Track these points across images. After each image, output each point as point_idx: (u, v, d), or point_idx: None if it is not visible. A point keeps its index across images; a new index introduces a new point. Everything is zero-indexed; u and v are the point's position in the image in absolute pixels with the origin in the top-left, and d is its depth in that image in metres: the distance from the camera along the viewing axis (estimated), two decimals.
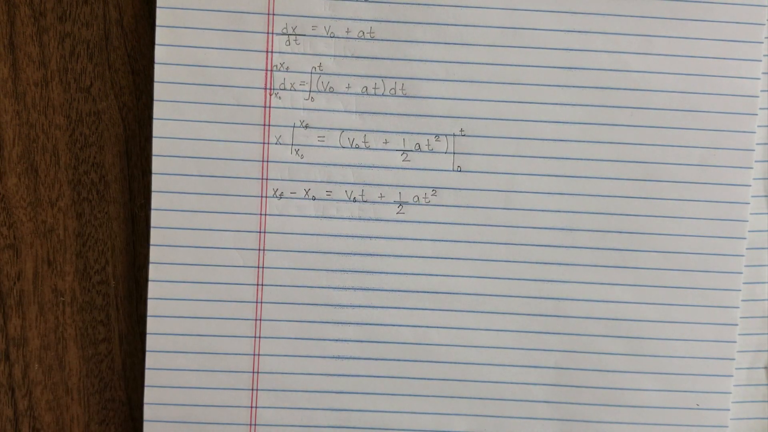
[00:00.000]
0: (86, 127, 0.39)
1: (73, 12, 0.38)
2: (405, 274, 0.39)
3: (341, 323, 0.39)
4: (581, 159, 0.39)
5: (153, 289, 0.38)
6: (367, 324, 0.39)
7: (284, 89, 0.38)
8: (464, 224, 0.39)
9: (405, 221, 0.39)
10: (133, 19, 0.39)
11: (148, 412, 0.38)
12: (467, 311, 0.39)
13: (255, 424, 0.39)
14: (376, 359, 0.39)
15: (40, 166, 0.39)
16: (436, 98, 0.38)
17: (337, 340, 0.39)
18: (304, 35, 0.38)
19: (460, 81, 0.38)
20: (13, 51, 0.38)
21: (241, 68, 0.38)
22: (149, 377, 0.38)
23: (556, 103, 0.38)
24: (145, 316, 0.39)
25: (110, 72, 0.39)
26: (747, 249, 0.39)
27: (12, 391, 0.39)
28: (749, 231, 0.39)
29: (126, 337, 0.40)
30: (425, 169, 0.39)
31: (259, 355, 0.39)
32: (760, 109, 0.39)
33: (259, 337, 0.39)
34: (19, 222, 0.39)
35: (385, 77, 0.38)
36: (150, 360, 0.38)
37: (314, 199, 0.38)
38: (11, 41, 0.38)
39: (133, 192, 0.39)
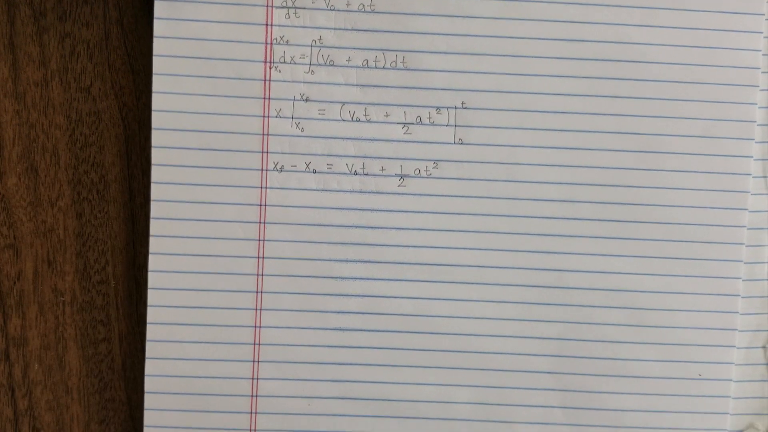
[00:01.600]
0: (86, 127, 0.39)
1: (73, 12, 0.38)
2: (406, 246, 0.39)
3: (342, 295, 0.39)
4: (582, 131, 0.38)
5: (153, 262, 0.38)
6: (368, 296, 0.39)
7: (284, 62, 0.38)
8: (465, 197, 0.39)
9: (406, 194, 0.39)
10: (133, 19, 0.38)
11: (148, 383, 0.39)
12: (469, 283, 0.39)
13: (257, 396, 0.39)
14: (378, 331, 0.39)
15: (40, 165, 0.39)
16: (436, 71, 0.38)
17: (338, 312, 0.39)
18: (304, 8, 0.38)
19: (461, 54, 0.38)
20: (13, 51, 0.38)
21: (240, 41, 0.38)
22: (150, 349, 0.38)
23: (558, 76, 0.38)
24: (146, 316, 0.39)
25: (110, 72, 0.39)
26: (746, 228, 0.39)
27: (12, 391, 0.40)
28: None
29: (126, 337, 0.40)
30: (426, 142, 0.38)
31: (260, 327, 0.39)
32: (760, 90, 0.39)
33: (261, 309, 0.39)
34: (19, 222, 0.39)
35: (386, 50, 0.38)
36: (151, 332, 0.38)
37: (315, 172, 0.38)
38: (11, 41, 0.38)
39: (133, 192, 0.39)
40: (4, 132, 0.38)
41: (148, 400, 0.39)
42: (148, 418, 0.39)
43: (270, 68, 0.38)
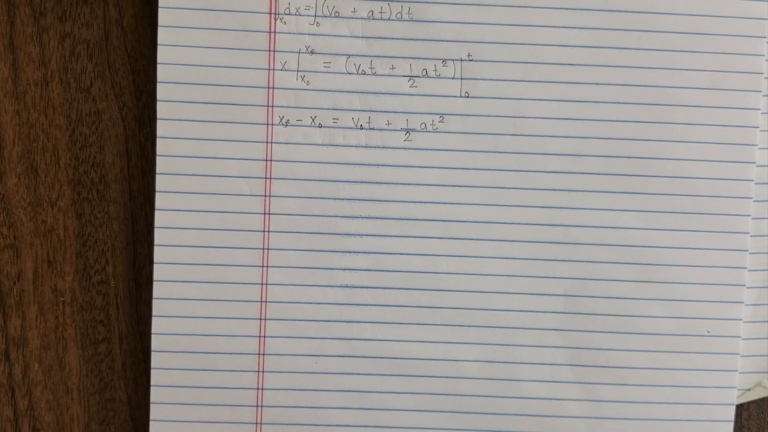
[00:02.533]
0: (86, 127, 0.39)
1: (73, 12, 0.38)
2: (413, 202, 0.39)
3: (349, 252, 0.39)
4: (590, 83, 0.38)
5: (159, 219, 0.38)
6: (374, 253, 0.39)
7: (289, 14, 0.38)
8: (472, 151, 0.38)
9: (412, 148, 0.38)
10: (133, 19, 0.38)
11: (155, 341, 0.38)
12: (475, 239, 0.39)
13: (264, 354, 0.39)
14: (384, 288, 0.39)
15: (40, 166, 0.39)
16: (442, 22, 0.38)
17: (344, 269, 0.39)
18: None
19: (467, 4, 0.38)
20: (13, 51, 0.38)
21: None
22: (156, 307, 0.38)
23: (564, 27, 0.38)
24: (145, 316, 0.39)
25: (110, 72, 0.38)
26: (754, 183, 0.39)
27: (12, 391, 0.39)
28: None
29: (126, 337, 0.40)
30: (432, 95, 0.38)
31: (267, 284, 0.38)
32: None
33: (267, 267, 0.38)
34: (19, 222, 0.39)
35: (391, 1, 0.38)
36: (157, 290, 0.38)
37: (320, 126, 0.38)
38: (11, 41, 0.38)
39: (133, 192, 0.39)
40: (4, 132, 0.38)
41: (155, 359, 0.38)
42: (155, 377, 0.38)
43: (275, 20, 0.37)
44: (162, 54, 0.37)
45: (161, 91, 0.37)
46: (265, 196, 0.38)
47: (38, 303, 0.39)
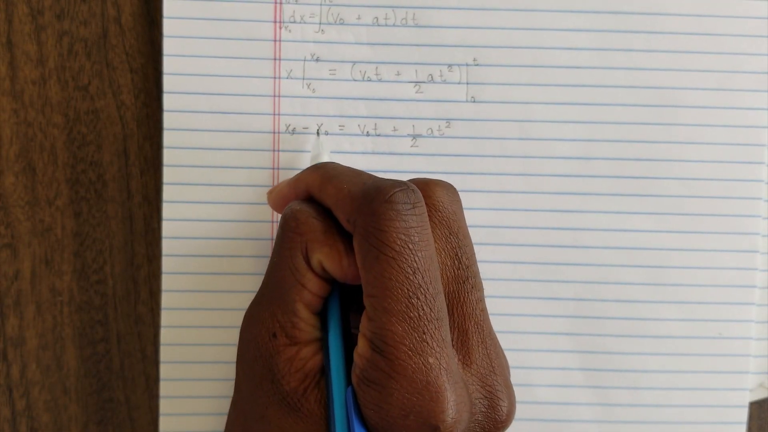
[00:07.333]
0: (84, 126, 0.39)
1: (71, 10, 0.38)
2: None
3: None
4: (597, 86, 0.38)
5: (167, 230, 0.38)
6: None
7: (294, 22, 0.38)
8: (479, 156, 0.38)
9: (419, 154, 0.38)
10: (131, 17, 0.38)
11: (164, 350, 0.38)
12: (484, 244, 0.38)
13: None
14: None
15: (38, 164, 0.38)
16: (448, 27, 0.38)
17: None
18: None
19: (473, 9, 0.38)
20: (10, 49, 0.38)
21: (249, 1, 0.37)
22: (165, 317, 0.38)
23: (570, 29, 0.38)
24: (143, 316, 0.39)
25: (108, 70, 0.38)
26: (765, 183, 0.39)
27: (10, 391, 0.39)
28: None
29: (124, 337, 0.39)
30: (438, 101, 0.38)
31: None
32: None
33: None
34: (16, 221, 0.39)
35: (396, 7, 0.38)
36: (166, 300, 0.38)
37: (327, 134, 0.38)
38: (9, 39, 0.38)
39: (131, 191, 0.39)
40: (2, 131, 0.38)
41: (164, 371, 0.38)
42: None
43: (280, 28, 0.37)
44: (168, 64, 0.37)
45: (167, 101, 0.37)
46: None
47: (36, 303, 0.39)
